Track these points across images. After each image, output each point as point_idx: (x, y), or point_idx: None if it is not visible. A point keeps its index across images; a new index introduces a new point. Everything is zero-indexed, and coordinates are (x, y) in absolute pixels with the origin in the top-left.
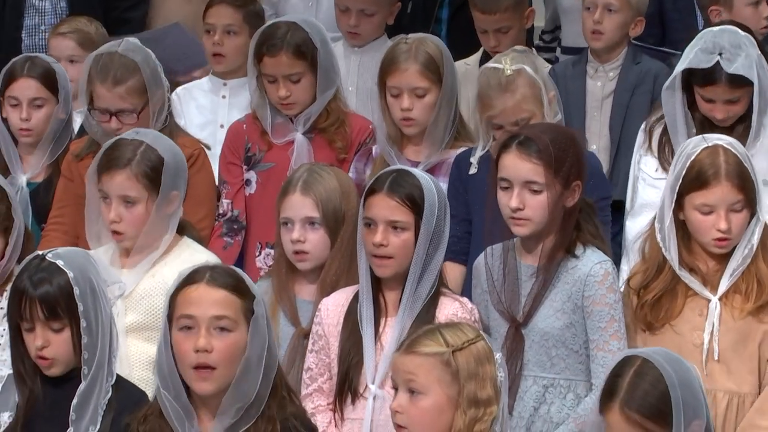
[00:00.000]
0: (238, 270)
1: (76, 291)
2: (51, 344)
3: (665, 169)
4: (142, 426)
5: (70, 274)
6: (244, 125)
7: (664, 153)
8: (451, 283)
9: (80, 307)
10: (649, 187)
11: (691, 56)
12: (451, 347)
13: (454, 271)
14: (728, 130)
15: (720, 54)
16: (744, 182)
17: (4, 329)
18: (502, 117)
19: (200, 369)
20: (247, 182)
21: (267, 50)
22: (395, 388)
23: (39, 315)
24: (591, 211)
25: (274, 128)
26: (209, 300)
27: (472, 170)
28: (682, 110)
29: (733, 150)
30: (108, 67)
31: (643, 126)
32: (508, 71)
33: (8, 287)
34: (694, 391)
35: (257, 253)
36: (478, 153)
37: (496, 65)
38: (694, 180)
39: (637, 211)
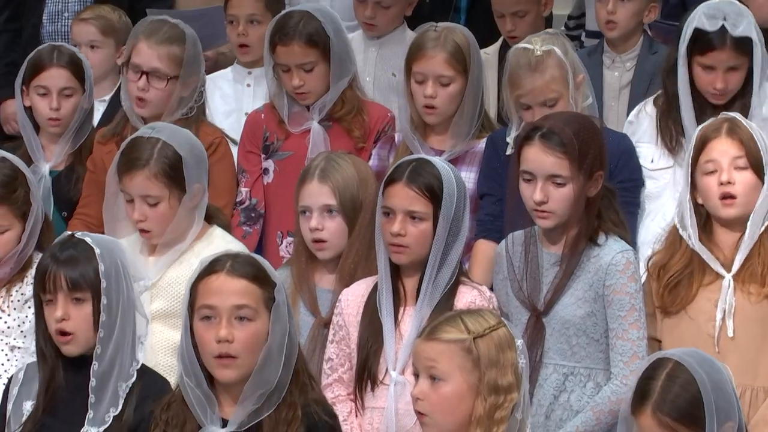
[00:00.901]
0: (260, 258)
1: (102, 268)
2: (71, 318)
3: (671, 151)
4: (165, 413)
5: (97, 251)
6: (262, 114)
7: (668, 135)
8: (484, 261)
9: (103, 284)
10: (647, 179)
11: (695, 22)
12: (473, 334)
13: (489, 249)
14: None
15: (724, 19)
16: (748, 142)
17: (26, 317)
18: (530, 96)
19: (222, 358)
20: (265, 171)
21: (279, 39)
22: (416, 375)
23: (62, 284)
24: (613, 197)
25: (291, 117)
26: (229, 290)
27: (509, 150)
28: (687, 87)
29: (739, 118)
30: (157, 28)
31: (633, 114)
32: (538, 51)
33: (27, 273)
34: (725, 393)
35: (279, 242)
36: (513, 133)
37: (526, 45)
38: (699, 144)
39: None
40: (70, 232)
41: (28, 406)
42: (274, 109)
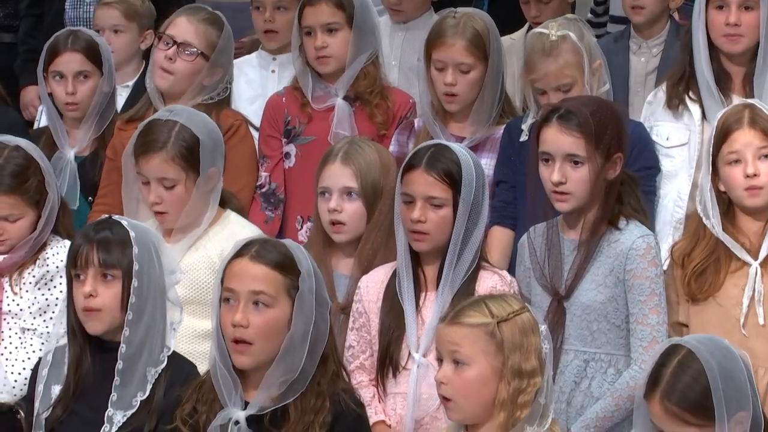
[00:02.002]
0: (291, 245)
1: (135, 250)
2: (99, 294)
3: (676, 107)
4: (197, 391)
5: (132, 234)
6: (283, 98)
7: (676, 97)
8: (499, 247)
9: (135, 266)
10: (664, 157)
11: None
12: (496, 318)
13: (503, 236)
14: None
15: None
16: None
17: (35, 298)
18: (544, 81)
19: (238, 343)
20: (287, 155)
21: (309, 1)
22: (439, 360)
23: (93, 260)
24: (634, 184)
25: (315, 97)
26: (249, 275)
27: (523, 137)
28: (704, 37)
29: (759, 105)
30: (199, 9)
31: (651, 95)
32: (553, 36)
33: (39, 255)
34: (738, 383)
35: (299, 227)
36: (529, 120)
37: (542, 30)
38: (720, 134)
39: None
40: (107, 215)
41: (56, 389)
42: (295, 92)
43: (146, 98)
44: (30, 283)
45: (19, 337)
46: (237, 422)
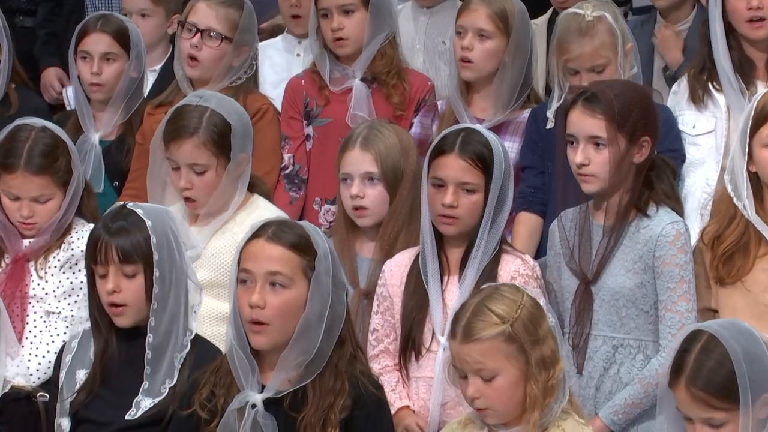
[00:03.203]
0: (309, 227)
1: (153, 240)
2: (122, 290)
3: (700, 99)
4: (215, 375)
5: (149, 223)
6: (302, 80)
7: (700, 88)
8: (525, 233)
9: (155, 256)
10: (690, 146)
11: None
12: (508, 321)
13: (530, 221)
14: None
15: None
16: None
17: (59, 282)
18: (578, 61)
19: (254, 323)
20: (306, 137)
21: None
22: (463, 377)
23: (113, 257)
24: (667, 170)
25: (333, 80)
26: (266, 256)
27: (549, 125)
28: (722, 37)
29: None
30: None
31: (675, 84)
32: (589, 17)
33: (64, 239)
34: (762, 365)
35: (318, 209)
36: (554, 105)
37: (577, 10)
38: (758, 117)
39: (684, 172)
40: (121, 203)
41: (81, 374)
42: (314, 75)
43: (175, 84)
44: (55, 266)
45: (44, 321)
46: (254, 405)
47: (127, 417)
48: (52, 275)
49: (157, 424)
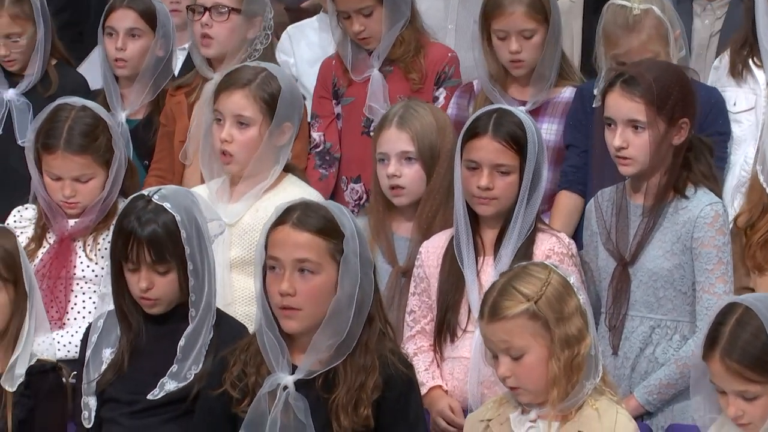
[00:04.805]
0: (332, 208)
1: (184, 234)
2: (155, 286)
3: (740, 73)
4: (245, 353)
5: (178, 217)
6: (333, 60)
7: (740, 62)
8: (564, 212)
9: (187, 251)
10: (732, 123)
11: None
12: (532, 299)
13: (569, 200)
14: None
15: None
16: None
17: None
18: (627, 56)
19: (285, 309)
20: (337, 116)
21: None
22: (495, 357)
23: (146, 258)
24: (707, 150)
25: (355, 65)
26: (293, 243)
27: (596, 103)
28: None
29: None
30: None
31: (717, 60)
32: (636, 11)
33: (113, 221)
34: None
35: (344, 188)
36: (601, 85)
37: (624, 3)
38: None
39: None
40: (145, 193)
41: (107, 353)
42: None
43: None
44: (105, 249)
45: (93, 302)
46: (285, 387)
47: (149, 397)
48: (102, 257)
49: (179, 402)
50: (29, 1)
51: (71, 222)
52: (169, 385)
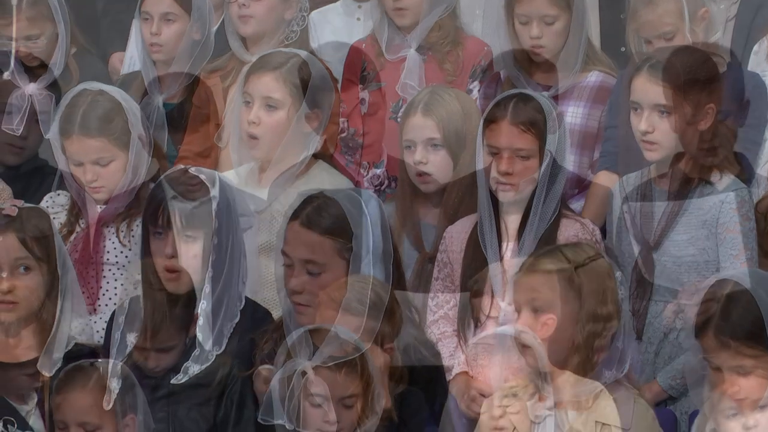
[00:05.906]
0: (346, 204)
1: (214, 207)
2: (181, 254)
3: None
4: (277, 331)
5: (212, 192)
6: (364, 44)
7: None
8: (601, 194)
9: (215, 224)
10: None
11: None
12: (573, 263)
13: (609, 181)
14: None
15: None
16: None
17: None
18: (645, 30)
19: (298, 305)
20: (362, 101)
21: None
22: (518, 311)
23: (175, 221)
24: (731, 136)
25: (390, 47)
26: (300, 242)
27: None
28: None
29: None
30: None
31: (757, 44)
32: None
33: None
34: None
35: (365, 173)
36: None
37: None
38: None
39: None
40: (183, 167)
41: (131, 338)
42: (375, 41)
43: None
44: (139, 235)
45: (125, 290)
46: (304, 373)
47: (173, 381)
48: (136, 244)
49: (204, 387)
50: (45, 2)
51: (99, 207)
52: (192, 368)
